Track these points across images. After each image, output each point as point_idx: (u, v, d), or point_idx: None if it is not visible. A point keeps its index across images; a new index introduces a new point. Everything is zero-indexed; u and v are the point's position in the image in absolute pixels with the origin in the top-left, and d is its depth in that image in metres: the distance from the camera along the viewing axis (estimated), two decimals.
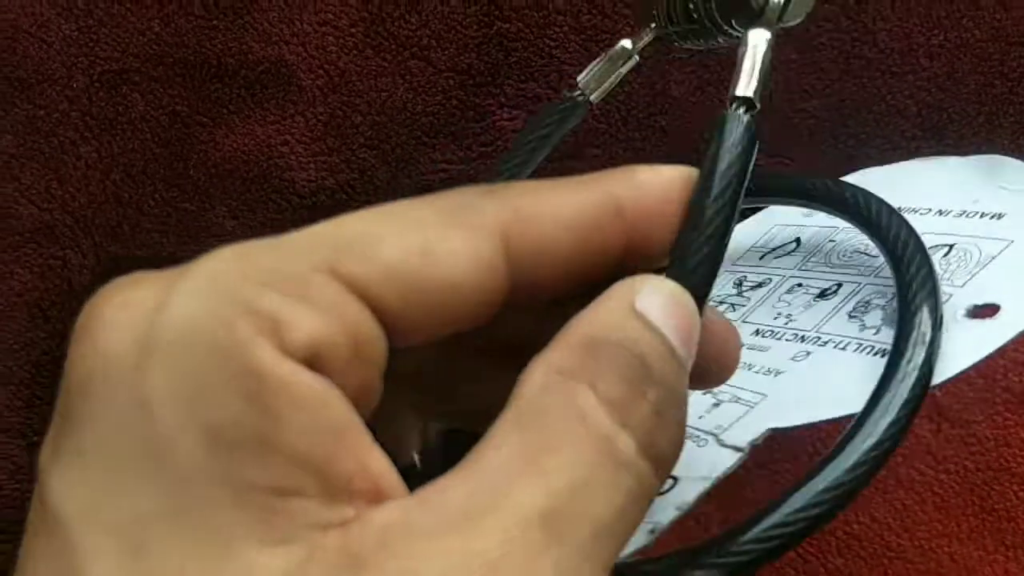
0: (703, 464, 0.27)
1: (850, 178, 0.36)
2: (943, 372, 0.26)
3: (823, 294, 0.32)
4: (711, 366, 0.24)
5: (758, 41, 0.25)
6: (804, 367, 0.29)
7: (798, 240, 0.35)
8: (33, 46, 0.40)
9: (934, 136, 0.41)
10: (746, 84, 0.24)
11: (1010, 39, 0.41)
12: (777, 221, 0.36)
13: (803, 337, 0.30)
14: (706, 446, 0.27)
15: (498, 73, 0.42)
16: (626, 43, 0.34)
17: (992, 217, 0.30)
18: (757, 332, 0.32)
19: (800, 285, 0.33)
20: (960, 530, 0.37)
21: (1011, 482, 0.37)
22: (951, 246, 0.30)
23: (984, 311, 0.27)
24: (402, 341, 0.20)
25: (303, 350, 0.18)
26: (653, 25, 0.33)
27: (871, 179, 0.34)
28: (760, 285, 0.34)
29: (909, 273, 0.28)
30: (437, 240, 0.20)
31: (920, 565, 0.37)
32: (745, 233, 0.37)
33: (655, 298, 0.21)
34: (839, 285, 0.31)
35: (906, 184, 0.34)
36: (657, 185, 0.23)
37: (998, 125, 0.41)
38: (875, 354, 0.28)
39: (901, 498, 0.37)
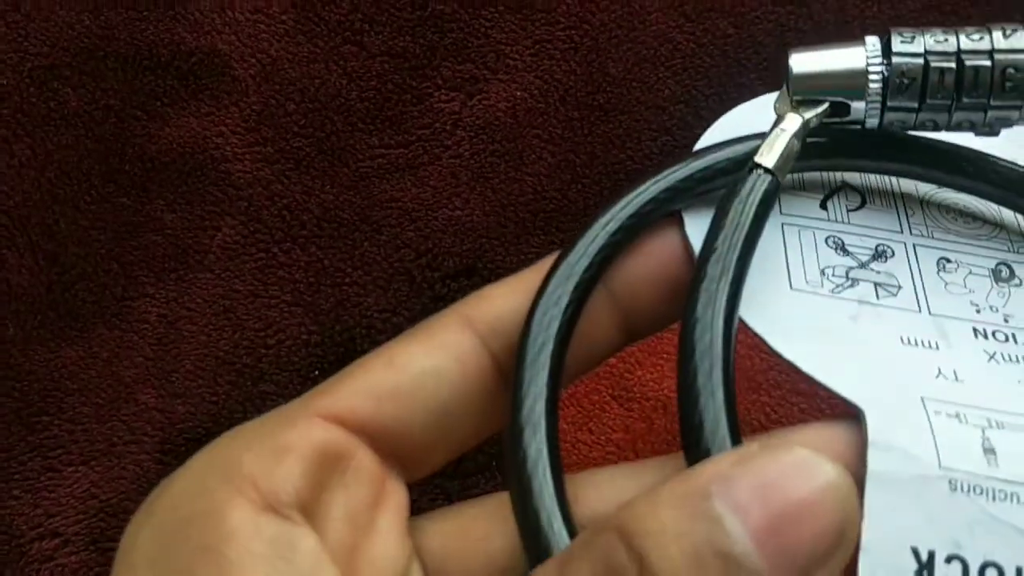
0: None
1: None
2: None
3: (997, 274, 0.26)
4: None
5: (789, 125, 0.25)
6: None
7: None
8: None
9: None
10: (767, 154, 0.24)
11: (943, 8, 0.41)
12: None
13: None
14: None
15: (434, 55, 0.42)
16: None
17: None
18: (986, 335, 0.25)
19: (949, 261, 0.27)
20: None
21: None
22: None
23: None
24: (419, 455, 0.24)
25: (286, 499, 0.21)
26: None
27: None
28: (880, 255, 0.27)
29: None
30: (399, 352, 0.23)
31: None
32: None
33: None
34: (1006, 267, 0.27)
35: None
36: (642, 263, 0.25)
37: None
38: None
39: None
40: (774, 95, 0.27)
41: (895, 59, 0.25)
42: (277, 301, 0.38)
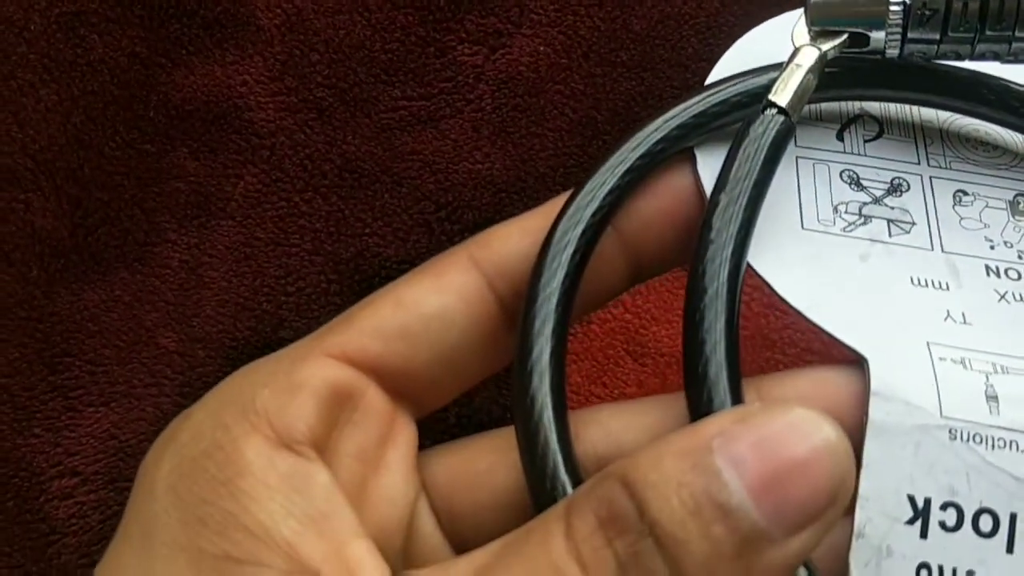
0: None
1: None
2: None
3: (1015, 206, 0.26)
4: None
5: (805, 59, 0.24)
6: None
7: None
8: None
9: None
10: (782, 91, 0.24)
11: None
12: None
13: None
14: None
15: (458, 8, 0.42)
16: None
17: None
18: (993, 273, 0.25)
19: (966, 193, 0.26)
20: None
21: None
22: None
23: None
24: (426, 393, 0.25)
25: (299, 436, 0.22)
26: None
27: None
28: (895, 189, 0.26)
29: None
30: (407, 292, 0.24)
31: None
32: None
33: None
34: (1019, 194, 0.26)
35: None
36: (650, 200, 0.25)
37: None
38: None
39: None
40: (793, 15, 0.26)
41: None
42: (297, 250, 0.38)
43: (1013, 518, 0.21)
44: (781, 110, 0.24)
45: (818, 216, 0.25)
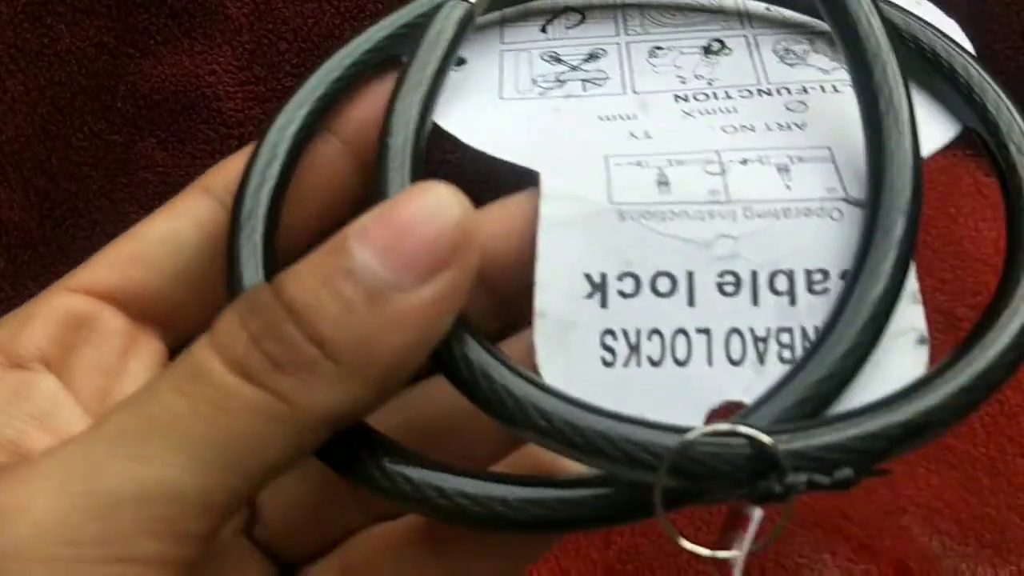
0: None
1: None
2: None
3: (708, 49, 0.27)
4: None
5: None
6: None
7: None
8: None
9: None
10: None
11: None
12: None
13: (773, 89, 0.26)
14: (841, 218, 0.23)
15: None
16: None
17: None
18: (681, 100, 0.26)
19: (661, 48, 0.27)
20: None
21: None
22: None
23: None
24: (174, 314, 0.26)
25: (28, 355, 0.24)
26: None
27: None
28: (592, 57, 0.27)
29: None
30: (142, 225, 0.26)
31: None
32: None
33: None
34: (718, 41, 0.28)
35: None
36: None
37: None
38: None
39: None
40: None
41: None
42: None
43: (691, 276, 0.22)
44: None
45: (517, 88, 0.26)
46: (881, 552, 0.37)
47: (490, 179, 0.37)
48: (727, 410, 0.21)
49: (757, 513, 0.20)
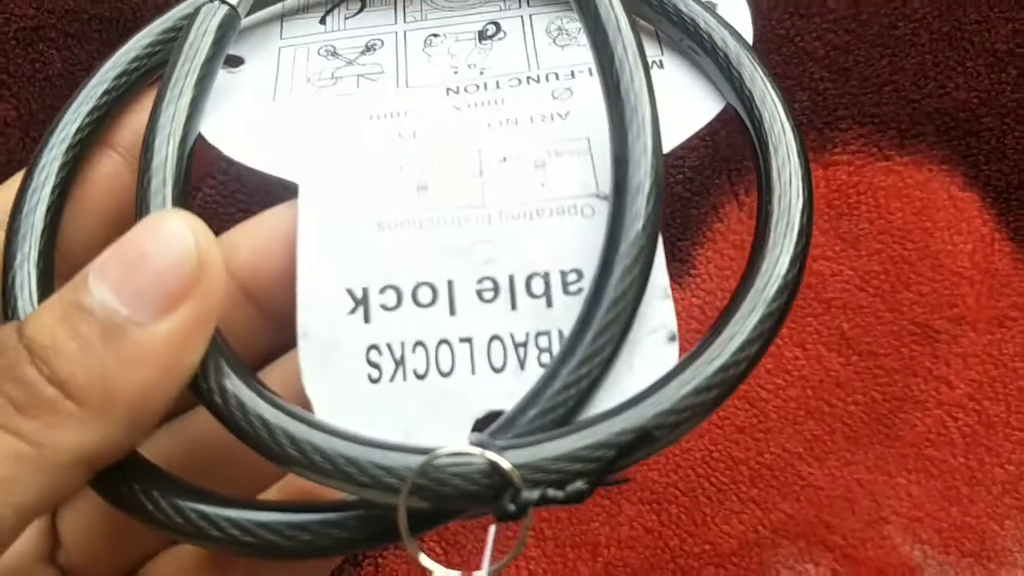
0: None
1: None
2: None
3: (483, 34, 0.27)
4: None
5: None
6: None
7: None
8: None
9: (840, 77, 0.41)
10: None
11: None
12: None
13: (542, 76, 0.26)
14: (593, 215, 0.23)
15: None
16: None
17: None
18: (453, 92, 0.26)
19: (437, 35, 0.27)
20: (867, 458, 0.38)
21: (914, 409, 0.39)
22: None
23: None
24: None
25: None
26: None
27: None
28: (369, 49, 0.27)
29: None
30: None
31: (830, 492, 0.38)
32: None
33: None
34: (494, 24, 0.27)
35: None
36: None
37: (900, 68, 0.41)
38: None
39: (811, 428, 0.38)
40: None
41: None
42: None
43: (451, 284, 0.22)
44: (224, 1, 0.25)
45: (291, 88, 0.26)
46: (864, 562, 0.37)
47: None
48: (493, 419, 0.21)
49: (491, 530, 0.20)
